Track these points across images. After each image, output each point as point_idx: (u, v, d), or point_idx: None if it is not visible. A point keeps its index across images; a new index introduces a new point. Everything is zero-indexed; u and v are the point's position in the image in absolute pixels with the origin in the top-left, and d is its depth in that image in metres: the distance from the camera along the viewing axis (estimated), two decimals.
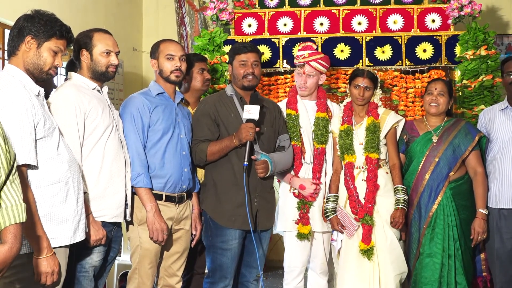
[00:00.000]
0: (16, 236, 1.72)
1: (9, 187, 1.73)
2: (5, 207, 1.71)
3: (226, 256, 3.10)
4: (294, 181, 3.35)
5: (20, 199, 1.76)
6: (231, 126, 3.12)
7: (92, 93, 2.69)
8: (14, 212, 1.72)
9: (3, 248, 1.68)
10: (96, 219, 2.60)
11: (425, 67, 4.19)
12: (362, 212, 3.31)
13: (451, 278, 3.26)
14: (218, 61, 4.15)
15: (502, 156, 3.35)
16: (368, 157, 3.35)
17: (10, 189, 1.73)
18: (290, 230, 3.39)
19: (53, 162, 2.29)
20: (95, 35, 2.75)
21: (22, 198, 1.78)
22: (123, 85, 5.58)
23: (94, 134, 2.62)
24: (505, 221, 3.32)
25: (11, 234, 1.71)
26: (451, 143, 3.36)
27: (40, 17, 2.33)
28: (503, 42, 5.70)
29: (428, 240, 3.31)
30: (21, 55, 2.32)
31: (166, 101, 3.04)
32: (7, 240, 1.70)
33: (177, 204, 3.01)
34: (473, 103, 3.98)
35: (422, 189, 3.36)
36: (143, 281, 2.95)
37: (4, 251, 1.67)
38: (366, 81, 3.39)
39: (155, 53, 3.08)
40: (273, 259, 4.62)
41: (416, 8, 4.28)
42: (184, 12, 6.14)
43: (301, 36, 4.30)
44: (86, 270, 2.62)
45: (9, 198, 1.73)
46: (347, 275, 3.34)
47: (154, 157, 2.93)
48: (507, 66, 3.41)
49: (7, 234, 1.71)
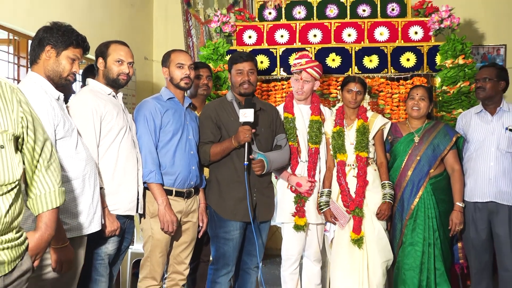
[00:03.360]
0: (47, 224, 1.70)
1: (44, 174, 1.70)
2: (39, 194, 1.68)
3: (228, 245, 3.10)
4: (292, 179, 3.34)
5: (55, 184, 1.72)
6: (231, 128, 3.11)
7: (107, 98, 2.70)
8: (47, 199, 1.69)
9: (35, 235, 1.67)
10: (111, 212, 2.61)
11: (408, 75, 4.19)
12: (353, 205, 3.31)
13: (431, 264, 3.27)
14: (221, 69, 4.15)
15: (477, 155, 3.36)
16: (358, 156, 3.36)
17: (45, 175, 1.70)
18: (287, 222, 3.39)
19: (72, 160, 2.30)
20: (111, 45, 2.76)
21: (59, 182, 1.74)
22: (136, 91, 5.58)
23: (109, 135, 2.63)
24: (480, 213, 3.34)
25: (42, 222, 1.70)
26: (431, 143, 3.37)
27: (58, 29, 2.34)
28: (479, 52, 5.69)
29: (410, 230, 3.31)
30: (42, 63, 2.33)
31: (176, 105, 3.04)
32: (39, 228, 1.69)
33: (185, 199, 3.00)
34: (452, 107, 3.99)
35: (405, 184, 3.36)
36: (154, 268, 2.95)
37: (35, 239, 1.66)
38: (358, 86, 3.40)
39: (166, 62, 3.07)
40: (271, 248, 4.60)
41: (400, 21, 4.28)
42: (190, 25, 6.13)
43: (296, 46, 4.30)
44: (102, 258, 2.62)
45: (43, 185, 1.69)
46: (339, 262, 3.35)
47: (165, 156, 2.92)
48: (476, 74, 3.46)
49: (39, 222, 1.70)
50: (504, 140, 3.30)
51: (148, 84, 5.98)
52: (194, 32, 6.12)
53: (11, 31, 3.71)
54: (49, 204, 1.70)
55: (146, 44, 6.09)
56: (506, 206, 3.27)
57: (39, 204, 1.69)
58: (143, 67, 5.88)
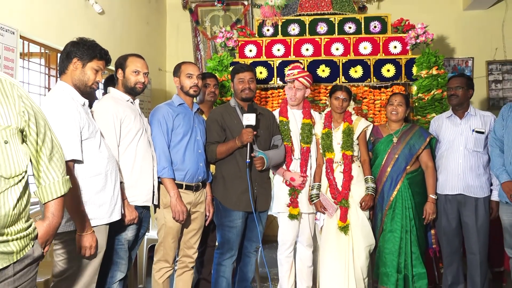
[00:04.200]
0: (54, 213, 1.61)
1: (47, 165, 1.59)
2: (44, 184, 1.59)
3: (232, 232, 3.10)
4: (286, 174, 3.34)
5: (59, 174, 1.62)
6: (234, 130, 3.11)
7: (126, 104, 2.70)
8: (52, 188, 1.60)
9: (43, 224, 1.59)
10: (130, 203, 2.60)
11: (388, 83, 4.17)
12: (340, 197, 3.31)
13: (407, 248, 3.25)
14: (226, 79, 4.15)
15: (448, 154, 3.36)
16: (345, 154, 3.35)
17: (49, 167, 1.60)
18: (283, 211, 3.39)
19: (95, 158, 2.30)
20: (129, 58, 2.76)
21: (63, 172, 1.65)
22: (151, 98, 5.59)
23: (128, 136, 2.62)
24: (450, 204, 3.34)
25: (49, 212, 1.61)
26: (407, 143, 3.36)
27: (84, 43, 2.35)
28: (450, 63, 5.70)
29: (389, 219, 3.31)
30: (70, 74, 2.33)
31: (186, 110, 3.04)
32: (47, 217, 1.61)
33: (194, 192, 3.00)
34: (427, 111, 3.98)
35: (385, 179, 3.36)
36: (167, 252, 2.96)
37: (43, 228, 1.59)
38: (344, 94, 3.40)
39: (177, 72, 3.07)
40: (269, 234, 4.61)
41: (381, 37, 4.28)
42: (199, 40, 6.14)
43: (291, 59, 4.29)
44: (122, 243, 2.62)
45: (48, 176, 1.59)
46: (328, 246, 3.34)
47: (176, 154, 2.92)
48: (448, 83, 3.45)
49: (46, 211, 1.62)
50: (471, 141, 3.30)
51: (161, 92, 5.99)
52: (202, 47, 6.13)
53: (43, 46, 3.73)
54: (54, 193, 1.61)
55: (160, 56, 6.10)
56: (473, 198, 3.27)
57: (45, 193, 1.60)
58: (157, 77, 5.89)
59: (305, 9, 4.53)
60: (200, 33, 6.12)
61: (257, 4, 5.95)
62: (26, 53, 3.57)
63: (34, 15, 3.51)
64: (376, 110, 4.14)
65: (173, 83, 3.13)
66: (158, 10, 6.03)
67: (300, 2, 4.57)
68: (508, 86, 5.65)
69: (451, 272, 3.37)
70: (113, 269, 2.59)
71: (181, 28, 6.22)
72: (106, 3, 4.56)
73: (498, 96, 5.67)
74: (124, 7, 5.02)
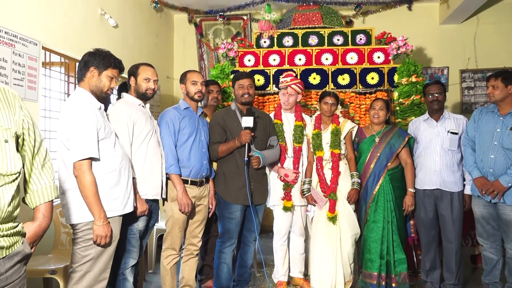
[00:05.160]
0: (45, 214, 1.55)
1: (40, 171, 1.54)
2: (36, 189, 1.53)
3: (232, 223, 3.11)
4: (281, 171, 3.34)
5: (50, 180, 1.56)
6: (234, 131, 3.11)
7: (138, 108, 2.69)
8: (44, 193, 1.54)
9: (33, 225, 1.52)
10: (141, 197, 2.60)
11: (373, 90, 4.18)
12: (328, 191, 3.32)
13: (389, 237, 3.26)
14: (227, 85, 4.15)
15: (426, 153, 3.36)
16: (333, 152, 3.37)
17: (42, 172, 1.54)
18: (277, 204, 3.39)
19: (110, 156, 2.29)
20: (140, 67, 2.75)
21: (52, 180, 1.58)
22: (160, 102, 5.59)
23: (139, 137, 2.62)
24: (428, 198, 3.33)
25: (40, 213, 1.54)
26: (388, 142, 3.37)
27: (100, 53, 2.34)
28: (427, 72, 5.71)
29: (373, 211, 3.31)
30: (87, 81, 2.33)
31: (191, 113, 3.03)
32: (37, 218, 1.54)
33: (198, 187, 2.99)
34: (407, 115, 3.98)
35: (368, 175, 3.36)
36: (174, 241, 2.96)
37: (33, 228, 1.52)
38: (332, 99, 3.41)
39: (183, 79, 3.07)
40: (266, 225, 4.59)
41: (366, 48, 4.28)
42: (203, 51, 6.14)
43: (285, 67, 4.29)
44: (134, 233, 2.62)
45: (40, 181, 1.53)
46: (318, 235, 3.35)
47: (182, 153, 2.91)
48: (427, 90, 3.42)
49: (37, 213, 1.54)
50: (446, 141, 3.30)
51: (169, 97, 5.99)
52: (206, 57, 6.13)
53: (63, 56, 3.73)
54: (46, 197, 1.54)
55: (168, 65, 6.10)
56: (448, 192, 3.27)
57: (37, 197, 1.53)
58: (165, 84, 5.88)
59: (298, 23, 4.54)
60: (204, 45, 6.12)
61: (255, 18, 5.95)
62: (47, 62, 3.57)
63: (55, 28, 3.51)
64: (361, 114, 4.14)
65: (180, 89, 3.12)
66: (166, 24, 6.03)
67: (294, 17, 4.57)
68: (479, 92, 5.67)
69: (429, 258, 3.38)
70: (126, 256, 2.60)
71: (187, 40, 6.22)
72: (120, 17, 4.56)
73: (471, 101, 5.68)
74: (136, 21, 5.02)
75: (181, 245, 3.04)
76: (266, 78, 4.29)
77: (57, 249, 3.17)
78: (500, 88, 3.02)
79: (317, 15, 4.53)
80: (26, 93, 3.14)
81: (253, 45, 4.52)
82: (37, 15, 3.30)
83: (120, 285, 2.59)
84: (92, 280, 2.21)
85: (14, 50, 3.02)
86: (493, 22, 5.62)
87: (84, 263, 2.20)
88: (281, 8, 5.44)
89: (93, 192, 2.15)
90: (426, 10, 5.72)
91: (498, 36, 5.61)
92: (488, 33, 5.62)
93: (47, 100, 3.57)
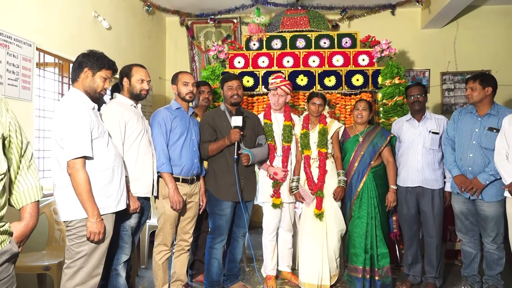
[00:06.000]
0: (31, 214, 1.52)
1: (26, 172, 1.52)
2: (22, 190, 1.50)
3: (222, 219, 3.10)
4: (270, 169, 3.35)
5: (36, 181, 1.54)
6: (224, 131, 3.11)
7: (130, 108, 2.67)
8: (30, 193, 1.51)
9: (20, 224, 1.50)
10: (133, 194, 2.58)
11: (358, 91, 4.20)
12: (316, 189, 3.32)
13: (373, 232, 3.27)
14: (218, 86, 4.14)
15: (408, 152, 3.37)
16: (320, 151, 3.37)
17: (27, 173, 1.52)
18: (267, 201, 3.39)
19: (104, 155, 2.27)
20: (133, 68, 2.73)
21: (38, 180, 1.56)
22: (152, 103, 5.55)
23: (131, 136, 2.60)
24: (410, 195, 3.35)
25: (27, 213, 1.51)
26: (371, 141, 3.38)
27: (94, 55, 2.32)
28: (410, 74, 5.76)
29: (357, 207, 3.32)
30: (81, 81, 2.31)
31: (182, 113, 3.02)
32: (24, 218, 1.51)
33: (189, 184, 2.99)
34: (390, 115, 4.01)
35: (353, 173, 3.37)
36: (166, 237, 2.95)
37: (21, 227, 1.49)
38: (320, 100, 3.42)
39: (175, 80, 3.05)
40: (255, 221, 4.62)
41: (352, 51, 4.30)
42: (194, 53, 6.12)
43: (274, 69, 4.30)
44: (126, 229, 2.60)
45: (26, 182, 1.51)
46: (306, 231, 3.36)
47: (174, 152, 2.90)
48: (409, 91, 3.44)
49: (24, 213, 1.52)
50: (428, 140, 3.32)
51: (162, 97, 5.95)
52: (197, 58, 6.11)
53: (57, 57, 3.68)
54: (33, 197, 1.52)
55: (160, 67, 6.06)
56: (430, 189, 3.29)
57: (23, 198, 1.50)
58: (158, 84, 5.85)
59: (286, 27, 4.55)
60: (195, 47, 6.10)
61: (245, 22, 5.95)
62: (41, 63, 3.53)
63: (49, 29, 3.47)
64: (347, 114, 4.16)
65: (171, 90, 3.11)
66: (158, 26, 5.99)
67: (282, 21, 4.58)
68: (459, 94, 5.74)
69: (411, 253, 3.41)
70: (118, 252, 2.58)
71: (179, 42, 6.19)
72: (113, 20, 4.52)
73: (451, 102, 5.75)
74: (128, 23, 4.98)
75: (172, 241, 3.03)
76: (255, 79, 4.29)
77: (51, 246, 3.13)
78: (478, 90, 3.06)
79: (305, 19, 4.54)
80: (20, 93, 3.10)
81: (242, 47, 4.52)
82: (32, 17, 3.26)
83: (113, 281, 2.57)
84: (86, 276, 2.19)
85: (8, 51, 2.98)
86: (472, 27, 5.69)
87: (77, 259, 2.18)
88: (270, 12, 5.45)
89: (87, 189, 2.13)
90: (409, 15, 5.77)
91: (476, 41, 5.69)
92: (467, 38, 5.70)
93: (41, 100, 3.53)
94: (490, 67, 5.59)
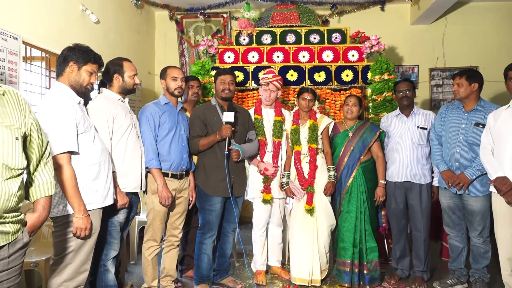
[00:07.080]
0: (44, 206, 1.64)
1: (42, 168, 1.64)
2: (38, 184, 1.62)
3: (212, 215, 3.09)
4: (260, 165, 3.34)
5: (51, 177, 1.66)
6: (214, 126, 3.09)
7: (117, 103, 2.64)
8: (45, 188, 1.63)
9: (33, 216, 1.61)
10: (121, 190, 2.56)
11: (347, 87, 4.21)
12: (306, 184, 3.32)
13: (362, 226, 3.28)
14: (207, 81, 4.11)
15: (397, 147, 3.39)
16: (310, 147, 3.37)
17: (44, 170, 1.64)
18: (257, 197, 3.39)
19: (90, 150, 2.25)
20: (124, 64, 2.69)
21: (52, 177, 1.68)
22: (142, 98, 5.50)
23: (119, 131, 2.57)
24: (398, 190, 3.37)
25: (40, 205, 1.63)
26: (361, 137, 3.39)
27: (79, 48, 2.29)
28: (399, 70, 5.78)
29: (346, 202, 3.33)
30: (66, 75, 2.27)
31: (171, 108, 2.99)
32: (37, 210, 1.63)
33: (178, 180, 2.96)
34: (379, 110, 4.02)
35: (342, 168, 3.38)
36: (155, 232, 2.93)
37: (33, 218, 1.61)
38: (310, 95, 3.41)
39: (164, 75, 3.02)
40: (245, 216, 4.61)
41: (341, 46, 4.30)
42: (184, 47, 6.06)
43: (264, 64, 4.29)
44: (114, 225, 2.58)
45: (42, 177, 1.63)
46: (296, 226, 3.36)
47: (163, 147, 2.88)
48: (398, 87, 3.45)
49: (37, 205, 1.63)
50: (416, 135, 3.33)
51: (151, 92, 5.89)
52: (187, 53, 6.05)
53: (44, 50, 3.61)
54: (47, 191, 1.64)
55: (149, 61, 6.00)
56: (418, 184, 3.31)
57: (38, 191, 1.62)
58: (147, 79, 5.79)
59: (276, 22, 4.52)
60: (185, 41, 6.04)
61: (234, 16, 5.90)
62: (28, 57, 3.45)
63: (36, 23, 3.39)
64: (336, 109, 4.17)
65: (161, 85, 3.07)
66: (147, 20, 5.92)
67: (272, 16, 4.55)
68: (447, 90, 5.77)
69: (399, 247, 3.43)
70: (107, 248, 2.56)
71: (168, 36, 6.12)
72: (101, 13, 4.45)
73: (439, 98, 5.79)
74: (117, 17, 4.91)
75: (162, 236, 3.01)
76: (245, 74, 4.27)
77: (38, 242, 3.09)
78: (464, 86, 3.07)
79: (295, 14, 4.52)
80: None
81: (232, 42, 4.49)
82: (18, 10, 3.19)
83: (102, 276, 2.56)
84: (73, 271, 2.17)
85: None
86: (460, 24, 5.72)
87: (65, 255, 2.16)
88: (260, 7, 5.41)
89: (73, 185, 2.10)
90: (398, 11, 5.78)
91: (464, 37, 5.72)
92: (456, 34, 5.72)
93: (28, 94, 3.46)
94: (478, 63, 5.63)
